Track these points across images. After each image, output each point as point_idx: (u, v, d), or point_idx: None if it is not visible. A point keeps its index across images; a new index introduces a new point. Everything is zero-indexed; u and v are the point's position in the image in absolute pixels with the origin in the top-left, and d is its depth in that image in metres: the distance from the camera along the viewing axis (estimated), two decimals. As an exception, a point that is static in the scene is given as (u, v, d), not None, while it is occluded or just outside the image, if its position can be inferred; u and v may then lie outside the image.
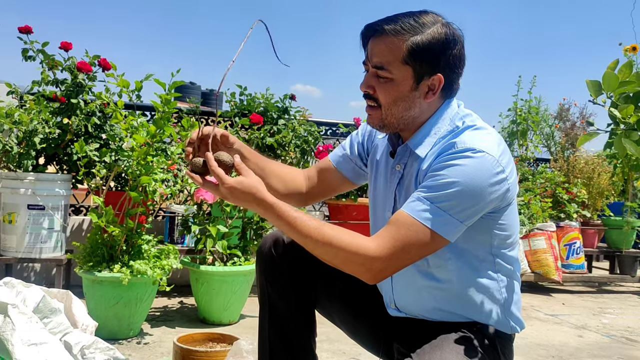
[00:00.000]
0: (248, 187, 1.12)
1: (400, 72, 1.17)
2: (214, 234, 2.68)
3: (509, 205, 1.20)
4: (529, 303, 3.67)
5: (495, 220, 1.19)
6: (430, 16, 1.18)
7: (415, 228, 1.09)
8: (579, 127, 6.42)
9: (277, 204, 1.13)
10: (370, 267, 1.11)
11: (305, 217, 1.13)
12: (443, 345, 1.16)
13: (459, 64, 1.20)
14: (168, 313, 2.89)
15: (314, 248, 1.13)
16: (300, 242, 1.15)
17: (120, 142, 2.86)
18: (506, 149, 1.16)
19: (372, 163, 1.40)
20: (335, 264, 1.15)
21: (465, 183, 1.09)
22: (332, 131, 4.32)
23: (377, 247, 1.10)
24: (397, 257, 1.10)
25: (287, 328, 1.38)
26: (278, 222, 1.14)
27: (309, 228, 1.12)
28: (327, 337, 2.47)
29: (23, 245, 2.72)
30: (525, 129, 5.36)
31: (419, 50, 1.15)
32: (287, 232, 1.15)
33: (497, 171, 1.11)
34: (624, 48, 3.37)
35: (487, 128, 1.19)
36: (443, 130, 1.21)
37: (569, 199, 4.48)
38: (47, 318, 1.58)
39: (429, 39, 1.15)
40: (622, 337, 2.93)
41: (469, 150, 1.11)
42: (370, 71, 1.21)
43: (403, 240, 1.09)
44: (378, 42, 1.18)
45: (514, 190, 1.18)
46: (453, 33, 1.18)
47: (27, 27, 3.00)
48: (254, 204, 1.13)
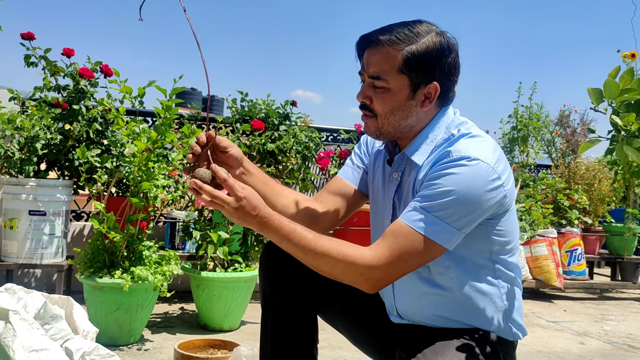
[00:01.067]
0: (252, 196, 1.12)
1: (396, 81, 1.18)
2: (215, 240, 2.68)
3: (507, 211, 1.20)
4: (530, 309, 3.66)
5: (494, 227, 1.19)
6: (424, 26, 1.20)
7: (412, 237, 1.10)
8: (580, 133, 6.42)
9: (273, 216, 1.12)
10: (369, 277, 1.11)
11: (303, 229, 1.13)
12: (444, 352, 1.16)
13: (454, 71, 1.21)
14: (169, 319, 2.89)
15: (313, 260, 1.13)
16: (297, 255, 1.14)
17: (122, 148, 2.86)
18: (502, 156, 1.17)
19: (370, 170, 1.41)
20: (334, 276, 1.14)
21: (461, 191, 1.09)
22: (333, 137, 4.33)
23: (375, 256, 1.10)
24: (394, 266, 1.11)
25: (289, 334, 1.37)
26: (275, 235, 1.13)
27: (306, 240, 1.11)
28: (328, 343, 2.46)
29: (24, 251, 2.72)
30: (526, 135, 5.37)
31: (415, 59, 1.16)
32: (284, 244, 1.13)
33: (492, 178, 1.12)
34: (623, 54, 3.37)
35: (482, 135, 1.20)
36: (439, 139, 1.22)
37: (570, 205, 4.48)
38: (48, 324, 1.58)
39: (424, 48, 1.17)
40: (624, 344, 2.92)
41: (464, 158, 1.12)
42: (367, 81, 1.21)
43: (400, 250, 1.10)
44: (374, 52, 1.19)
45: (512, 196, 1.19)
46: (447, 42, 1.20)
47: (29, 33, 3.01)
48: (254, 215, 1.11)
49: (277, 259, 1.37)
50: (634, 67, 3.37)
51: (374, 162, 1.39)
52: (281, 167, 3.61)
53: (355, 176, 1.43)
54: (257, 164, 3.49)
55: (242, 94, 3.74)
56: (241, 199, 1.10)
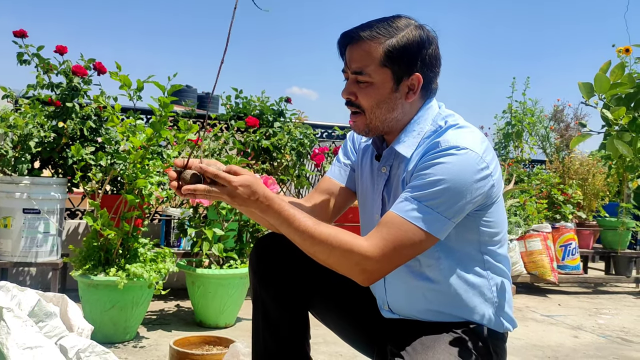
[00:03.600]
0: (250, 181, 1.12)
1: (379, 75, 1.20)
2: (210, 237, 2.68)
3: (495, 202, 1.22)
4: (524, 304, 3.68)
5: (482, 218, 1.21)
6: (403, 20, 1.22)
7: (405, 227, 1.11)
8: (574, 128, 6.44)
9: (276, 199, 1.14)
10: (364, 268, 1.12)
11: (303, 214, 1.14)
12: (435, 346, 1.16)
13: (435, 62, 1.24)
14: (164, 316, 2.89)
15: (310, 245, 1.13)
16: (296, 239, 1.15)
17: (116, 145, 2.86)
18: (489, 147, 1.19)
19: (358, 167, 1.41)
20: (329, 264, 1.15)
21: (451, 180, 1.11)
22: (328, 134, 4.33)
23: (370, 246, 1.11)
24: (389, 257, 1.11)
25: (280, 330, 1.38)
26: (276, 218, 1.14)
27: (306, 225, 1.12)
28: (323, 339, 2.47)
29: (18, 249, 2.71)
30: (520, 131, 5.38)
31: (396, 52, 1.18)
32: (284, 228, 1.14)
33: (481, 167, 1.14)
34: (617, 49, 3.38)
35: (469, 127, 1.22)
36: (426, 130, 1.23)
37: (564, 200, 4.50)
38: (42, 322, 1.57)
39: (404, 41, 1.19)
40: (617, 338, 2.94)
41: (453, 148, 1.13)
42: (350, 78, 1.23)
43: (394, 241, 1.11)
44: (355, 48, 1.21)
45: (499, 187, 1.21)
46: (427, 34, 1.22)
47: (22, 30, 2.99)
48: (255, 199, 1.12)
49: (268, 257, 1.37)
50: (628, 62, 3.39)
51: (361, 158, 1.41)
52: (276, 164, 3.61)
53: (342, 174, 1.44)
54: (252, 160, 3.49)
55: (236, 90, 3.74)
56: (237, 187, 1.11)
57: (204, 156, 3.05)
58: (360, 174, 1.40)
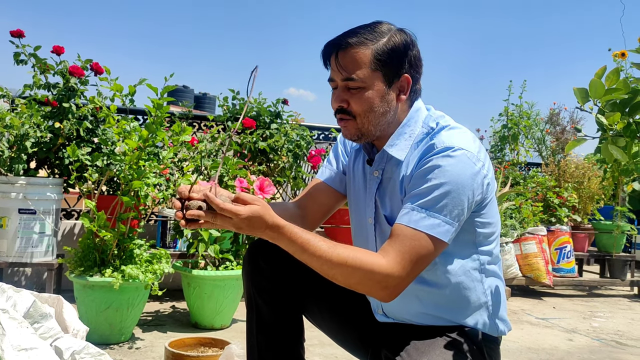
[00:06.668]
0: (258, 212, 1.07)
1: (371, 79, 1.21)
2: (206, 238, 2.68)
3: (489, 201, 1.23)
4: (519, 307, 3.69)
5: (477, 218, 1.22)
6: (384, 25, 1.24)
7: (417, 237, 1.11)
8: (570, 131, 6.47)
9: (288, 226, 1.10)
10: (386, 285, 1.11)
11: (317, 238, 1.12)
12: (429, 351, 1.17)
13: (419, 64, 1.26)
14: (160, 317, 2.89)
15: (328, 269, 1.11)
16: (313, 264, 1.12)
17: (113, 146, 2.85)
18: (481, 145, 1.22)
19: (349, 170, 1.42)
20: (349, 284, 1.13)
21: (452, 182, 1.13)
22: (325, 135, 4.34)
23: (389, 262, 1.10)
24: (408, 270, 1.11)
25: (274, 333, 1.38)
26: (289, 246, 1.10)
27: (322, 249, 1.10)
28: (319, 340, 2.47)
29: (14, 249, 2.71)
30: (516, 134, 5.40)
31: (385, 55, 1.20)
32: (299, 254, 1.11)
33: (478, 166, 1.16)
34: (613, 54, 3.39)
35: (461, 127, 1.24)
36: (417, 132, 1.25)
37: (559, 203, 4.51)
38: (37, 323, 1.57)
39: (391, 44, 1.21)
40: (612, 341, 2.95)
41: (449, 149, 1.15)
42: (340, 85, 1.23)
43: (410, 253, 1.11)
44: (344, 55, 1.21)
45: (493, 184, 1.23)
46: (409, 37, 1.25)
47: (19, 30, 2.99)
48: (264, 229, 1.09)
49: (261, 260, 1.37)
50: (623, 65, 3.40)
51: (353, 161, 1.41)
52: (272, 166, 3.61)
53: (332, 177, 1.44)
54: (249, 162, 3.50)
55: (233, 92, 3.74)
56: (243, 220, 1.06)
57: (201, 157, 3.05)
58: (351, 177, 1.40)
